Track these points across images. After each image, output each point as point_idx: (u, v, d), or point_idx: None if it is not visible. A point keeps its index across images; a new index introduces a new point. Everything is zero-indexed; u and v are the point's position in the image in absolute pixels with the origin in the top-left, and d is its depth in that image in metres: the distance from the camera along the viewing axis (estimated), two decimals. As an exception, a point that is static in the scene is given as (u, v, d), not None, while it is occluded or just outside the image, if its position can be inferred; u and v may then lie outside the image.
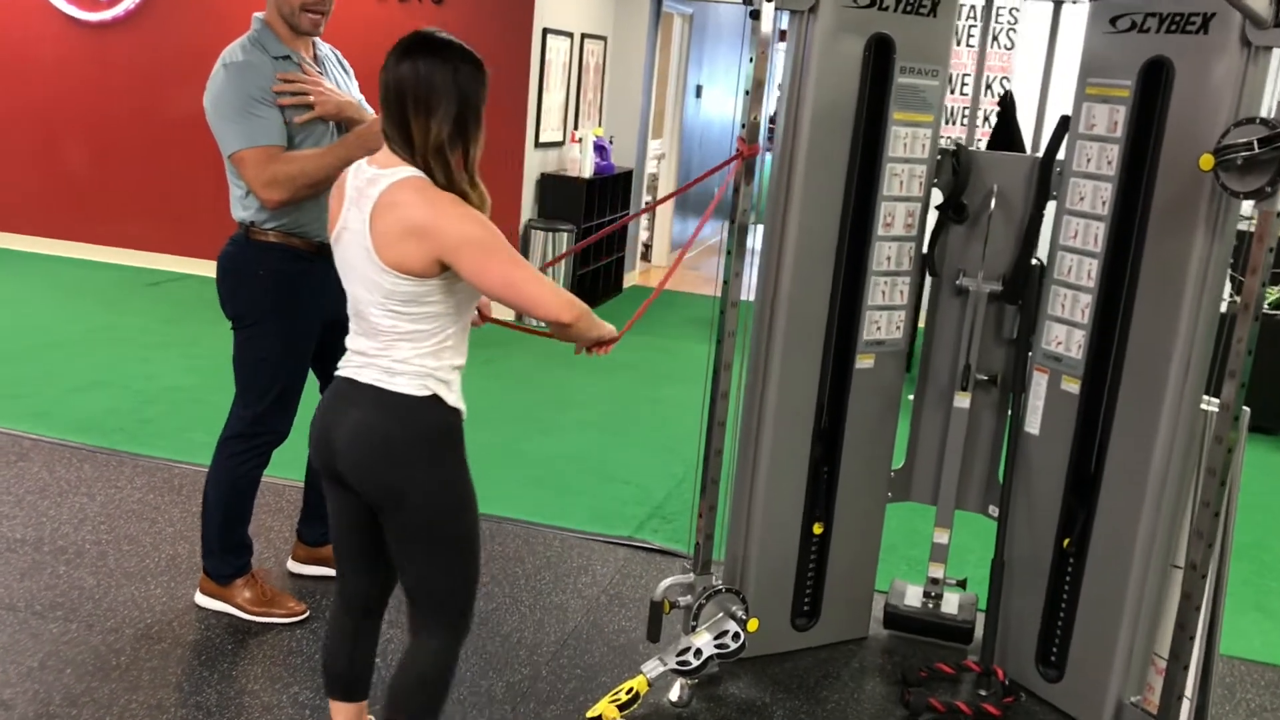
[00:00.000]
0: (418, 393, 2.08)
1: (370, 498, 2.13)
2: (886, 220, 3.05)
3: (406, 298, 2.04)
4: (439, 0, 6.92)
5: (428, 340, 2.09)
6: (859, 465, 3.20)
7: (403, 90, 2.01)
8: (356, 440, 2.10)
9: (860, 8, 2.86)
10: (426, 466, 2.10)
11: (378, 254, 2.02)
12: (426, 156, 2.02)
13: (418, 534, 2.13)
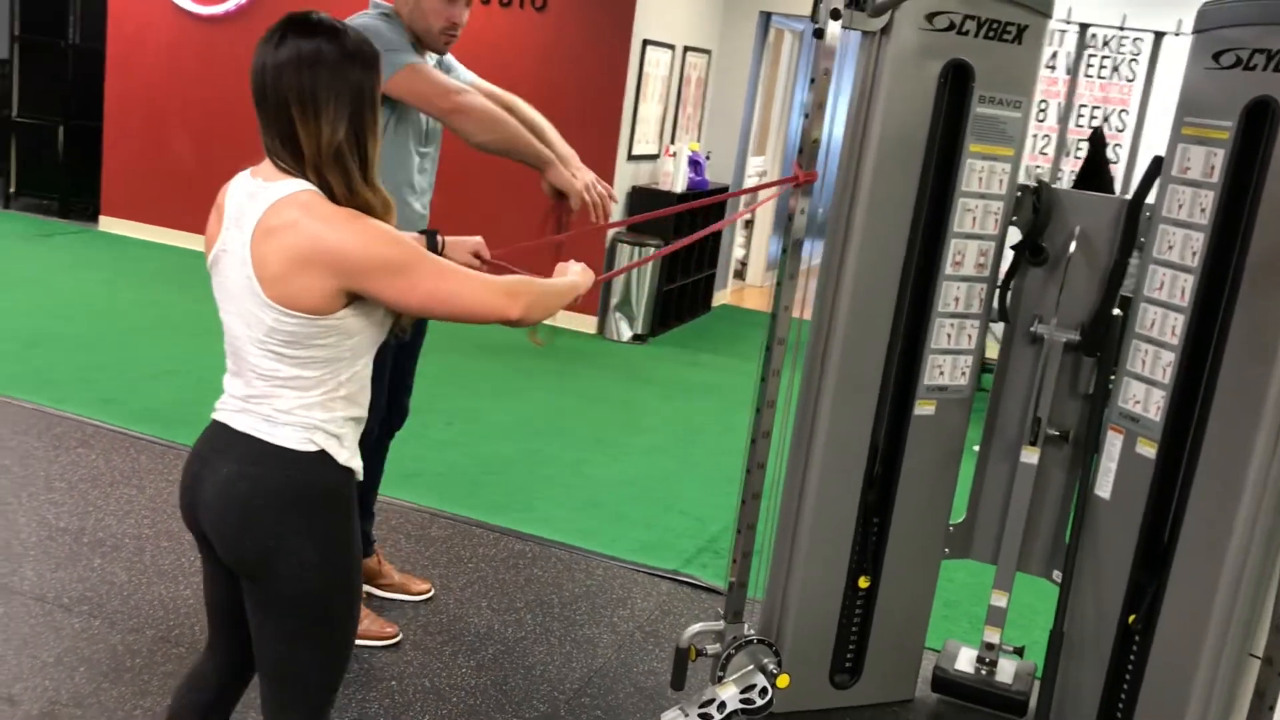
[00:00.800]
0: (301, 447, 1.76)
1: (233, 563, 1.81)
2: (956, 259, 2.85)
3: (290, 338, 1.72)
4: (540, 7, 6.86)
5: (315, 389, 1.76)
6: (913, 517, 3.00)
7: (282, 88, 1.68)
8: (222, 496, 1.77)
9: (937, 31, 2.67)
10: (302, 534, 1.77)
11: (261, 286, 1.69)
12: (320, 167, 1.70)
13: (281, 610, 1.80)
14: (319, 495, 1.78)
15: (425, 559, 3.65)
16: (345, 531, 1.82)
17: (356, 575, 1.86)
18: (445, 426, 4.94)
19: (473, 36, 6.88)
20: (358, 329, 1.76)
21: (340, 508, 1.81)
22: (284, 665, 1.85)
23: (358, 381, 1.82)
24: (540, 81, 6.86)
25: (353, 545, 1.84)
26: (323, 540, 1.79)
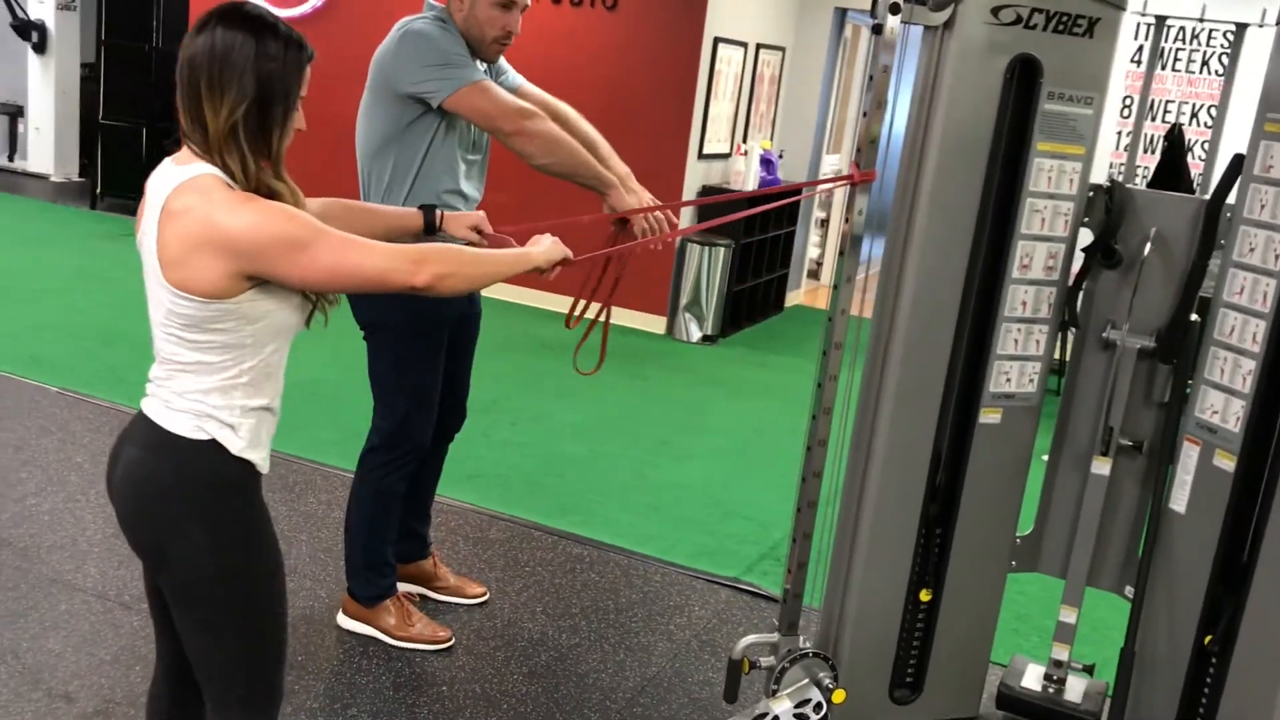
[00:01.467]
0: (191, 434, 1.74)
1: (135, 550, 1.82)
2: (1024, 261, 2.74)
3: (188, 322, 1.70)
4: (611, 6, 6.82)
5: (214, 374, 1.74)
6: (978, 529, 2.90)
7: (195, 69, 1.68)
8: (123, 480, 1.79)
9: (1003, 25, 2.56)
10: (192, 522, 1.76)
11: (161, 269, 1.69)
12: (221, 149, 1.69)
13: (183, 600, 1.80)
14: (209, 485, 1.77)
15: (482, 562, 3.63)
16: (243, 521, 1.81)
17: (262, 566, 1.84)
18: (509, 427, 4.93)
19: (544, 35, 6.90)
20: (259, 314, 1.74)
21: (234, 497, 1.80)
22: (204, 657, 1.85)
23: (263, 369, 1.79)
24: (611, 80, 6.84)
25: (254, 536, 1.82)
26: (214, 530, 1.77)
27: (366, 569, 3.05)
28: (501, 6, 2.80)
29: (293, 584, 3.34)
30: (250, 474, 1.81)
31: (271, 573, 1.86)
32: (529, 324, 6.78)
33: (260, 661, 1.88)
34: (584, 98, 6.88)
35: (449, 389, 3.14)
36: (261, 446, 1.83)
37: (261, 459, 1.83)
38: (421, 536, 3.31)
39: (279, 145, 1.75)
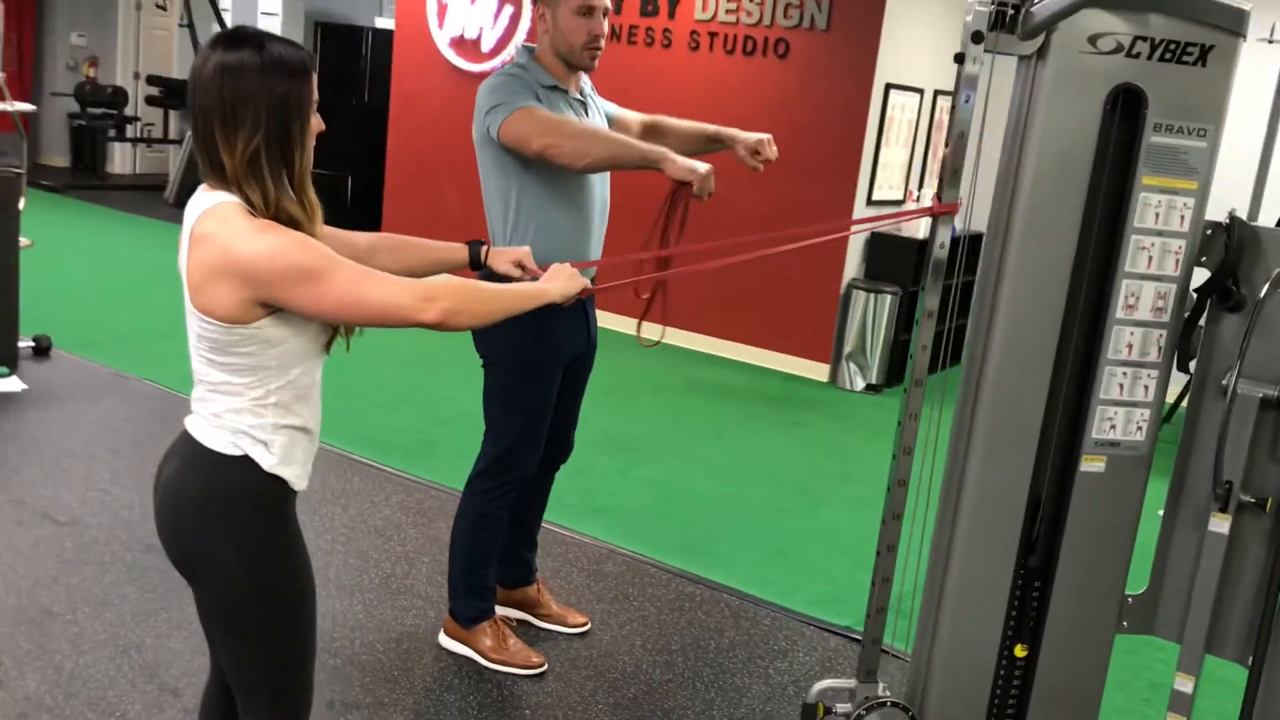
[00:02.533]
0: (226, 450, 1.81)
1: (172, 562, 1.88)
2: (1129, 301, 2.59)
3: (213, 345, 1.78)
4: (782, 55, 6.85)
5: (243, 395, 1.80)
6: (1080, 584, 2.73)
7: (206, 102, 1.72)
8: (162, 493, 1.88)
9: (1102, 54, 2.46)
10: (225, 535, 1.82)
11: (188, 294, 1.77)
12: (239, 179, 1.73)
13: (218, 614, 1.87)
14: (240, 499, 1.82)
15: (592, 594, 3.67)
16: (272, 536, 1.85)
17: (290, 580, 1.88)
18: (649, 464, 4.96)
19: (718, 85, 6.99)
20: (279, 339, 1.79)
21: (264, 512, 1.84)
22: (236, 669, 1.90)
23: (292, 390, 1.84)
24: (782, 126, 6.84)
25: (283, 550, 1.87)
26: (244, 543, 1.82)
27: (467, 592, 3.13)
28: (583, 14, 2.89)
29: (405, 602, 3.47)
30: (283, 490, 1.87)
31: (299, 587, 1.92)
32: (686, 365, 6.83)
33: (286, 673, 1.94)
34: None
35: (556, 421, 3.19)
36: (294, 464, 1.88)
37: (294, 476, 1.89)
38: (527, 563, 3.37)
39: (302, 161, 1.79)
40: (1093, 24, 2.44)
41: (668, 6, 7.22)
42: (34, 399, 4.99)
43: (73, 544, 3.61)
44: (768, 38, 6.90)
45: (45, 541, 3.61)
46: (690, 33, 7.16)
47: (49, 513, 3.82)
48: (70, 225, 9.37)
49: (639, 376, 6.57)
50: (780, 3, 6.83)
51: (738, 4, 6.97)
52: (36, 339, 5.63)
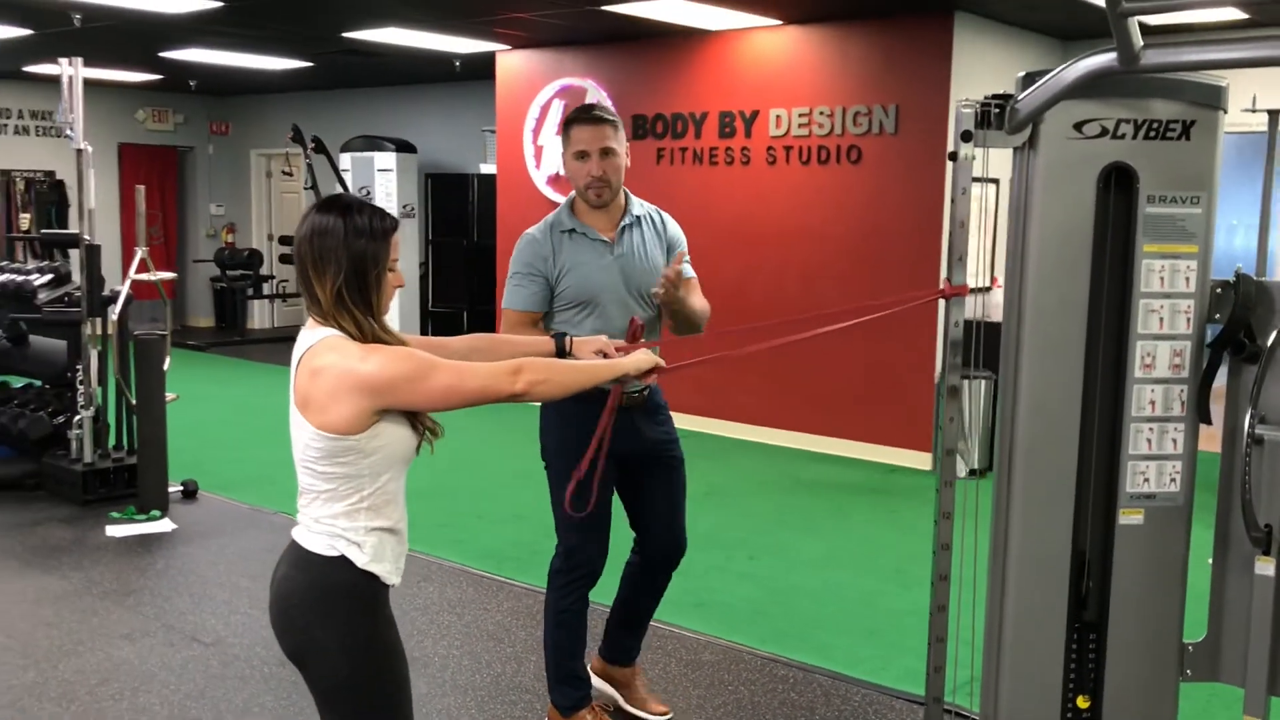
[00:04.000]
0: (325, 551, 2.10)
1: (289, 657, 2.16)
2: (1145, 361, 2.77)
3: (320, 454, 2.06)
4: (855, 161, 7.17)
5: (342, 500, 2.09)
6: (1134, 634, 2.85)
7: (301, 252, 2.10)
8: (274, 593, 2.16)
9: (1089, 138, 2.69)
10: (328, 629, 2.08)
11: (303, 413, 2.07)
12: (332, 314, 2.08)
13: (323, 699, 2.13)
14: (339, 594, 2.09)
15: (688, 681, 3.87)
16: (367, 627, 2.12)
17: (391, 671, 2.13)
18: (747, 560, 5.17)
19: (796, 194, 7.33)
20: (374, 449, 2.08)
21: (361, 606, 2.11)
22: None
23: (382, 495, 2.12)
24: (863, 227, 7.14)
25: (377, 639, 2.13)
26: (343, 633, 2.09)
27: (559, 682, 3.38)
28: (578, 159, 3.22)
29: (514, 697, 3.73)
30: (376, 585, 2.13)
31: (397, 678, 2.16)
32: (788, 463, 7.04)
33: None
34: (835, 245, 7.24)
35: (654, 521, 3.42)
36: (385, 561, 2.14)
37: (385, 572, 2.14)
38: (627, 648, 3.58)
39: (378, 304, 2.13)
40: (1076, 112, 2.69)
41: (743, 127, 7.63)
42: (182, 536, 5.47)
43: (217, 661, 3.98)
44: (840, 145, 7.23)
45: (194, 661, 3.99)
46: (767, 148, 7.54)
47: (196, 635, 4.21)
48: (213, 379, 10.11)
49: (742, 477, 6.79)
50: (850, 112, 7.17)
51: (809, 117, 7.34)
52: (184, 483, 6.16)
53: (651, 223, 3.40)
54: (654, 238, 3.38)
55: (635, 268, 3.29)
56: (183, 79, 11.77)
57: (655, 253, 3.36)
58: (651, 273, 3.28)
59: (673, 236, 3.43)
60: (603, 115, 3.25)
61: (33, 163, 12.37)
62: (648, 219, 3.39)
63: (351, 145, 11.38)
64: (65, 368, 6.28)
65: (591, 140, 3.20)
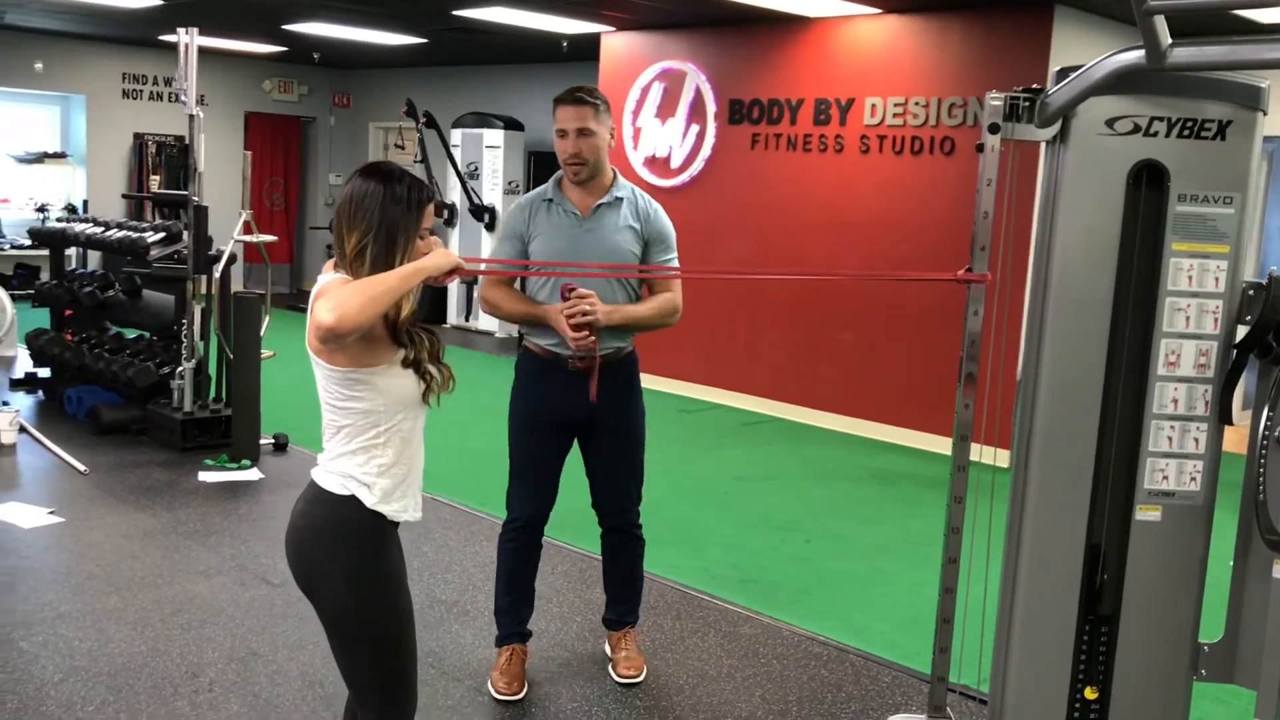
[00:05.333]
0: (337, 490, 2.25)
1: (300, 586, 2.31)
2: (1169, 359, 2.78)
3: (333, 387, 2.22)
4: (949, 153, 7.13)
5: (354, 439, 2.24)
6: (1147, 630, 2.87)
7: (340, 207, 2.26)
8: (290, 530, 2.32)
9: (1120, 135, 2.71)
10: (335, 562, 2.23)
11: (308, 343, 2.21)
12: (350, 264, 2.22)
13: (331, 628, 2.29)
14: (346, 530, 2.25)
15: (724, 651, 3.98)
16: (372, 562, 2.27)
17: (391, 603, 2.28)
18: (802, 543, 5.24)
19: (887, 184, 7.32)
20: (387, 388, 2.23)
21: (368, 543, 2.27)
22: (348, 674, 2.34)
23: (397, 434, 2.27)
24: (953, 220, 7.10)
25: (381, 574, 2.28)
26: (349, 567, 2.25)
27: (495, 614, 3.68)
28: (560, 136, 3.40)
29: (553, 653, 3.88)
30: (383, 523, 2.28)
31: (398, 611, 2.31)
32: (863, 453, 7.07)
33: (391, 680, 2.32)
34: (925, 237, 7.22)
35: (596, 484, 3.65)
36: (394, 502, 2.29)
37: (393, 511, 2.29)
38: (613, 614, 3.78)
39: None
40: (1108, 108, 2.71)
41: (838, 115, 7.65)
42: (268, 485, 5.77)
43: (281, 601, 4.22)
44: (934, 137, 7.20)
45: (260, 599, 4.25)
46: (861, 137, 7.55)
47: (266, 576, 4.47)
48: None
49: (811, 463, 6.85)
50: (945, 103, 7.14)
51: (904, 107, 7.32)
52: (276, 436, 6.47)
53: (634, 207, 3.51)
54: (631, 220, 3.49)
55: (602, 244, 3.43)
56: (306, 52, 12.19)
57: (625, 236, 3.47)
58: (615, 253, 3.45)
59: (656, 228, 3.53)
60: (584, 97, 3.41)
61: (166, 127, 12.96)
62: (630, 203, 3.51)
63: (462, 121, 11.68)
64: (172, 321, 6.65)
65: (571, 120, 3.38)
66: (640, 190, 3.59)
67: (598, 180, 3.47)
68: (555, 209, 3.47)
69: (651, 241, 3.52)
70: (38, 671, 3.57)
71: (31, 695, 3.42)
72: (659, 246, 3.53)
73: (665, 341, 8.76)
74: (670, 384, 8.72)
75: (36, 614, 4.01)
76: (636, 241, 3.49)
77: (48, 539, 4.79)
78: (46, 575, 4.39)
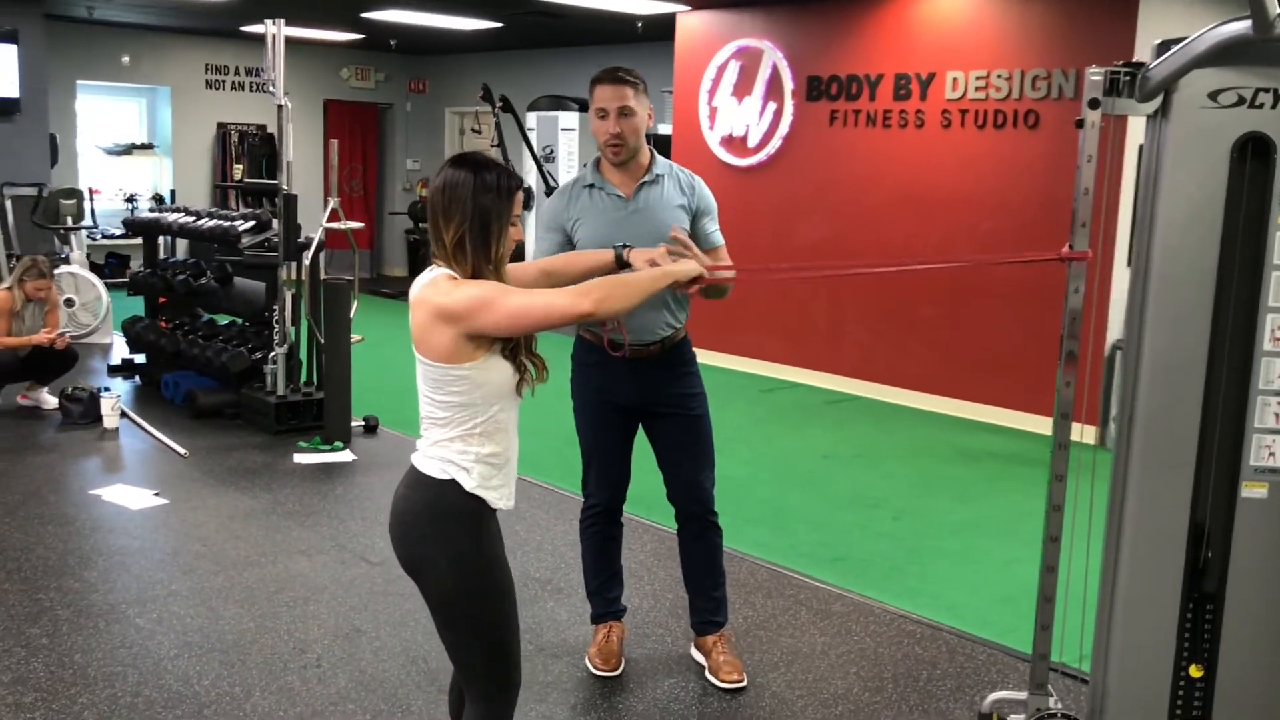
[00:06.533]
0: (437, 475, 2.30)
1: (404, 568, 2.38)
2: (1276, 334, 2.74)
3: (434, 384, 2.28)
4: (1033, 126, 7.03)
5: (454, 428, 2.29)
6: (1253, 609, 2.84)
7: (432, 201, 2.30)
8: (393, 514, 2.38)
9: (1224, 108, 2.67)
10: (437, 544, 2.29)
11: (414, 344, 2.30)
12: (449, 255, 2.28)
13: (436, 608, 2.35)
14: (447, 513, 2.31)
15: (816, 629, 4.01)
16: (472, 543, 2.32)
17: (492, 582, 2.34)
18: (891, 521, 5.24)
19: (970, 159, 7.25)
20: (484, 380, 2.28)
21: (470, 525, 2.32)
22: (454, 654, 2.39)
23: (493, 424, 2.32)
24: (1038, 193, 7.02)
25: (484, 557, 2.33)
26: (451, 549, 2.31)
27: (587, 596, 3.75)
28: (600, 117, 3.33)
29: (647, 630, 3.94)
30: (483, 507, 2.33)
31: (499, 590, 2.36)
32: (951, 431, 7.03)
33: (496, 665, 2.37)
34: (1013, 215, 7.14)
35: (669, 473, 3.57)
36: (492, 489, 2.34)
37: (491, 497, 2.34)
38: (700, 618, 3.66)
39: (498, 253, 2.32)
40: (1211, 81, 2.67)
41: (919, 89, 7.58)
42: (361, 467, 5.90)
43: (382, 579, 4.34)
44: (1017, 110, 7.11)
45: (360, 578, 4.36)
46: (942, 112, 7.47)
47: (365, 555, 4.59)
48: (401, 325, 10.67)
49: (899, 442, 6.83)
50: (1028, 75, 7.04)
51: (987, 80, 7.23)
52: (366, 419, 6.62)
53: (677, 182, 3.46)
54: (676, 196, 3.44)
55: (650, 224, 3.35)
56: (384, 39, 12.35)
57: (676, 214, 3.41)
58: (665, 232, 3.28)
59: (701, 200, 3.48)
60: (624, 76, 3.37)
61: (247, 117, 13.23)
62: (671, 179, 3.46)
63: (537, 104, 11.74)
64: (263, 308, 6.81)
65: (611, 99, 3.32)
66: (675, 164, 3.54)
67: (637, 160, 3.42)
68: (597, 194, 3.41)
69: (699, 214, 3.47)
70: (154, 647, 3.71)
71: (150, 669, 3.56)
72: (707, 217, 3.49)
73: (746, 321, 8.80)
74: (751, 364, 8.73)
75: (149, 591, 4.17)
76: (686, 217, 3.43)
77: (155, 520, 4.96)
78: (156, 555, 4.56)
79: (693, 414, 3.53)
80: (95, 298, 8.90)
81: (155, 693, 3.41)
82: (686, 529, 3.62)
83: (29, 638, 3.75)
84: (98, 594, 4.13)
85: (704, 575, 3.64)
